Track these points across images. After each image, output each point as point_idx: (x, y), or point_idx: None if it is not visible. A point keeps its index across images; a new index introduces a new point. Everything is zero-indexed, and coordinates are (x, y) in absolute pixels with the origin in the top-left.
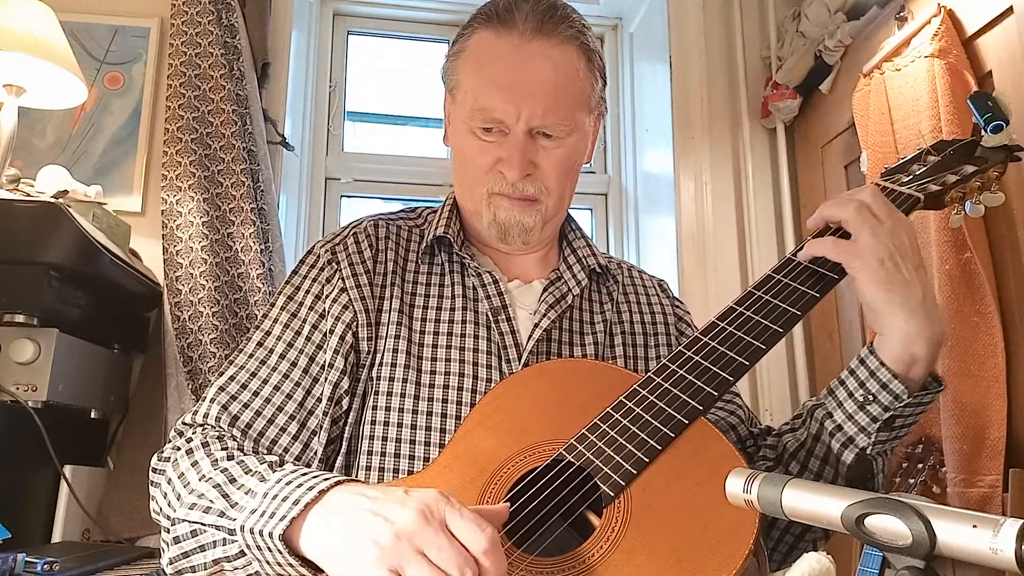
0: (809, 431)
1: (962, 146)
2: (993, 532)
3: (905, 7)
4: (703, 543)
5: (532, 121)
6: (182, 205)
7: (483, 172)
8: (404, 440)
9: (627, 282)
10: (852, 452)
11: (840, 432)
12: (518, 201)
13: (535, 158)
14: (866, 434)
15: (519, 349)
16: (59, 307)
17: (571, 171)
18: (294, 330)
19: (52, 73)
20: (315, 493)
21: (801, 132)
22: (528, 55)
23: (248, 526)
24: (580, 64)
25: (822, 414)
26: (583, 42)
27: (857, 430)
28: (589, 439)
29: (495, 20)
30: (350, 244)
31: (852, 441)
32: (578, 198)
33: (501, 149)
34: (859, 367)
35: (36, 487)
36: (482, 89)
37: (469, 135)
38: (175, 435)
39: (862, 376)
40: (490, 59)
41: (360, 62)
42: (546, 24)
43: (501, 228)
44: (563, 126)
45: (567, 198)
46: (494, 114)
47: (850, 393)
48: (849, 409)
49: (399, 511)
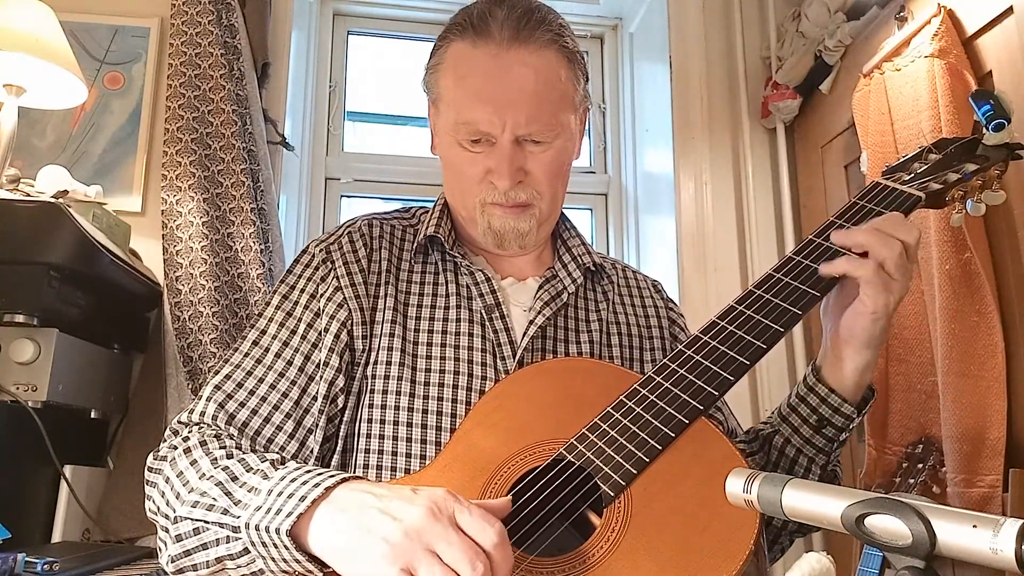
0: (769, 458)
1: (963, 144)
2: (993, 532)
3: (905, 7)
4: (704, 543)
5: (517, 130)
6: (182, 205)
7: (474, 183)
8: (400, 438)
9: (622, 282)
10: (815, 474)
11: (801, 455)
12: (511, 209)
13: (524, 164)
14: (824, 454)
15: (513, 346)
16: (59, 307)
17: (561, 172)
18: (290, 329)
19: (52, 73)
20: (322, 490)
21: (801, 132)
22: (507, 64)
23: (253, 523)
24: (561, 67)
25: (780, 441)
26: (562, 44)
27: (816, 451)
28: (589, 439)
29: (470, 30)
30: (345, 243)
31: (813, 461)
32: (578, 198)
33: (490, 160)
34: (809, 395)
35: (36, 487)
36: (464, 102)
37: (456, 147)
38: (171, 434)
39: (813, 403)
40: (469, 70)
41: (360, 62)
42: (523, 31)
43: (497, 236)
44: (549, 131)
45: (560, 198)
46: (479, 127)
47: (804, 419)
48: (805, 434)
49: (408, 508)
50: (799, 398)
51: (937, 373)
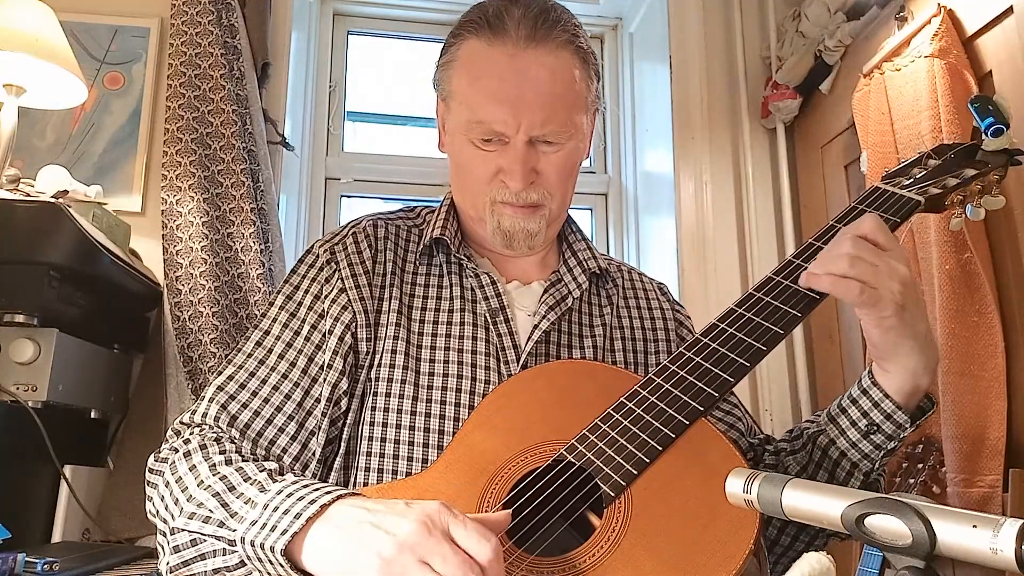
0: (812, 457)
1: (963, 150)
2: (993, 532)
3: (905, 7)
4: (703, 543)
5: (532, 131)
6: (182, 205)
7: (484, 182)
8: (402, 441)
9: (627, 285)
10: (858, 479)
11: (844, 459)
12: (522, 209)
13: (536, 165)
14: (870, 460)
15: (517, 350)
16: (59, 307)
17: (572, 173)
18: (293, 330)
19: (52, 73)
20: (317, 507)
21: (801, 132)
22: (524, 65)
23: (249, 538)
24: (576, 67)
25: (825, 442)
26: (578, 45)
27: (861, 457)
28: (590, 439)
29: (486, 28)
30: (349, 244)
31: (857, 467)
32: (578, 198)
33: (502, 159)
34: (862, 397)
35: (36, 487)
36: (480, 102)
37: (468, 145)
38: (172, 435)
39: (865, 406)
40: (484, 70)
41: (360, 62)
42: (539, 31)
43: (506, 236)
44: (563, 132)
45: (568, 199)
46: (493, 127)
47: (853, 422)
48: (853, 438)
49: (400, 522)
50: (851, 400)
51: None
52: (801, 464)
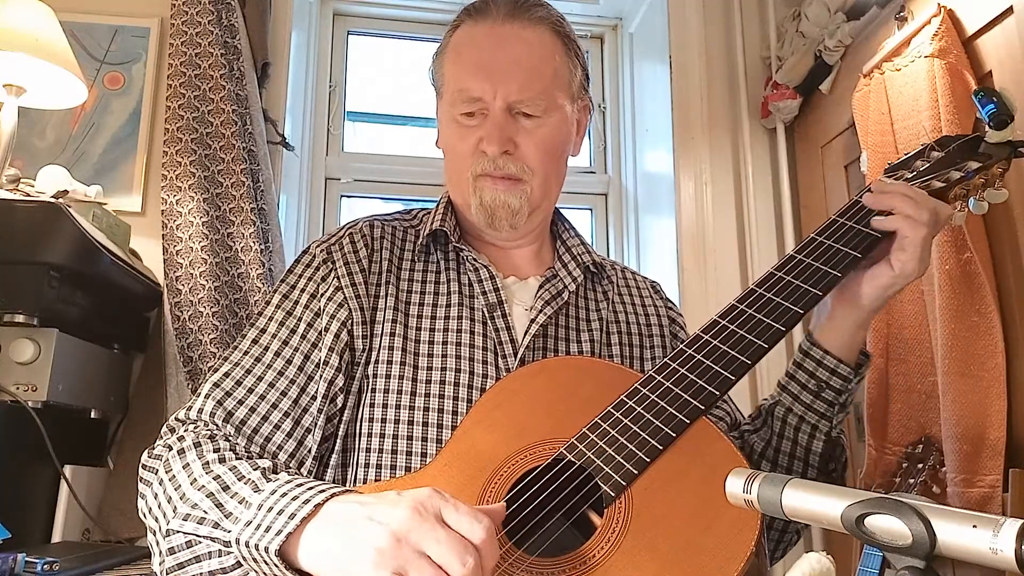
0: (773, 430)
1: (966, 142)
2: (993, 532)
3: (905, 7)
4: (705, 544)
5: (509, 97)
6: (182, 205)
7: (467, 157)
8: (400, 437)
9: (621, 282)
10: (820, 440)
11: (803, 423)
12: (501, 180)
13: (515, 137)
14: (827, 419)
15: (515, 345)
16: (59, 307)
17: (553, 153)
18: (289, 328)
19: (52, 73)
20: (311, 507)
21: (801, 132)
22: (502, 37)
23: (243, 539)
24: (556, 49)
25: (782, 411)
26: (557, 27)
27: (818, 417)
28: (590, 438)
29: (471, 14)
30: (346, 244)
31: (817, 428)
32: (578, 198)
33: (482, 129)
34: (805, 360)
35: (36, 487)
36: (461, 74)
37: (453, 123)
38: (167, 431)
39: (810, 367)
40: (467, 47)
41: (360, 62)
42: (519, 8)
43: (487, 211)
44: (540, 102)
45: (552, 184)
46: (471, 93)
47: (803, 385)
48: (806, 400)
49: (392, 512)
50: (796, 365)
51: (937, 373)
52: (764, 439)
